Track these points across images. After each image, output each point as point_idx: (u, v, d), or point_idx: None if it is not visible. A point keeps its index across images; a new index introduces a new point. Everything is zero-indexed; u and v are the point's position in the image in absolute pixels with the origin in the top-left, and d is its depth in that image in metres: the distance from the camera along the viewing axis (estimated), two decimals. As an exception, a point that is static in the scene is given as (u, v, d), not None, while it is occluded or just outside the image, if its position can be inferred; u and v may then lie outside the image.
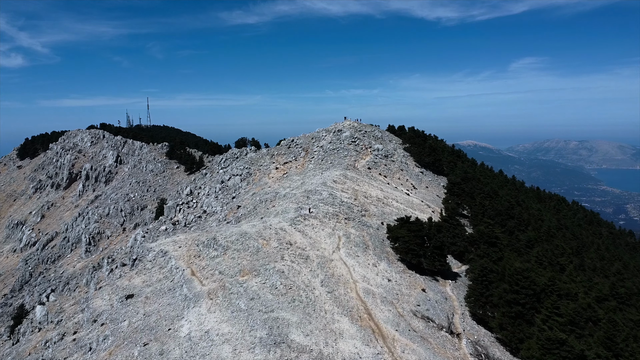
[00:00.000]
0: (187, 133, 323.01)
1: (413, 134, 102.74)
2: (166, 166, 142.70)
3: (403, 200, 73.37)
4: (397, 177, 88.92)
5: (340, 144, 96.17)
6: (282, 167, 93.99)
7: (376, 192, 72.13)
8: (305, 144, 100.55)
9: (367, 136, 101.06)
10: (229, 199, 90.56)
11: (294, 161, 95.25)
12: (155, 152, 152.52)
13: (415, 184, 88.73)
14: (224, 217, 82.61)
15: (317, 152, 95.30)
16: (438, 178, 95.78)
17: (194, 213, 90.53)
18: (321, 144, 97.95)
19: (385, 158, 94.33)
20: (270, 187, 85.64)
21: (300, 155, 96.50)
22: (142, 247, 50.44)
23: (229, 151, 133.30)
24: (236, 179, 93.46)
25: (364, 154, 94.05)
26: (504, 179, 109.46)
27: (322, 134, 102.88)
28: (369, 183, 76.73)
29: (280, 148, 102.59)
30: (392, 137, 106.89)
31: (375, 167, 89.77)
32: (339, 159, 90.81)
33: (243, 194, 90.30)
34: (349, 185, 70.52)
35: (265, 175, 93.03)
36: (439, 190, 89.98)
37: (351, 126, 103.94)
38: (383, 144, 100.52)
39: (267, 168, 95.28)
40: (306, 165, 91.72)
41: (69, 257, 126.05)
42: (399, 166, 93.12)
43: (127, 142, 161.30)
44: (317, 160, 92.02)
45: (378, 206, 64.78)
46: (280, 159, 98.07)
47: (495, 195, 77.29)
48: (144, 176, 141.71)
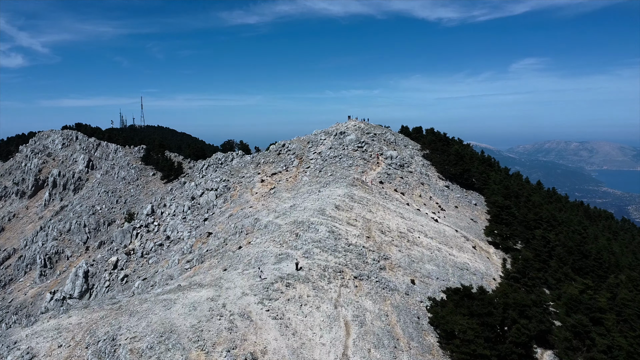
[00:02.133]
0: (182, 134, 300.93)
1: (434, 137, 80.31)
2: (140, 173, 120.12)
3: (433, 231, 50.91)
4: (417, 193, 66.48)
5: (344, 150, 73.66)
6: (269, 180, 71.62)
7: (396, 220, 49.63)
8: (298, 149, 78.01)
9: (377, 140, 78.53)
10: (200, 221, 68.24)
11: (285, 172, 72.82)
12: (130, 157, 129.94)
13: (442, 203, 66.28)
14: (189, 249, 60.26)
15: (313, 161, 72.82)
16: (467, 194, 73.26)
17: (154, 239, 68.27)
18: (319, 150, 75.46)
19: (401, 168, 71.82)
20: (252, 208, 63.23)
21: (293, 164, 74.03)
22: (5, 338, 28.47)
23: (213, 156, 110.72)
24: (210, 195, 71.03)
25: (374, 164, 71.53)
26: (537, 188, 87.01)
27: (320, 137, 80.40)
28: (384, 206, 54.21)
29: (268, 154, 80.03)
30: (407, 140, 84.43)
31: (389, 180, 67.32)
32: (341, 169, 68.40)
33: (217, 214, 67.98)
34: (358, 213, 47.99)
35: (247, 190, 70.64)
36: (472, 211, 67.54)
37: (357, 127, 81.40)
38: (397, 149, 77.97)
39: (251, 180, 72.92)
40: (299, 178, 69.32)
41: (21, 281, 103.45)
42: (418, 179, 70.62)
43: (100, 144, 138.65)
44: (313, 171, 69.53)
45: (402, 247, 42.35)
46: (268, 168, 75.61)
47: (555, 222, 54.80)
48: (115, 185, 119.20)
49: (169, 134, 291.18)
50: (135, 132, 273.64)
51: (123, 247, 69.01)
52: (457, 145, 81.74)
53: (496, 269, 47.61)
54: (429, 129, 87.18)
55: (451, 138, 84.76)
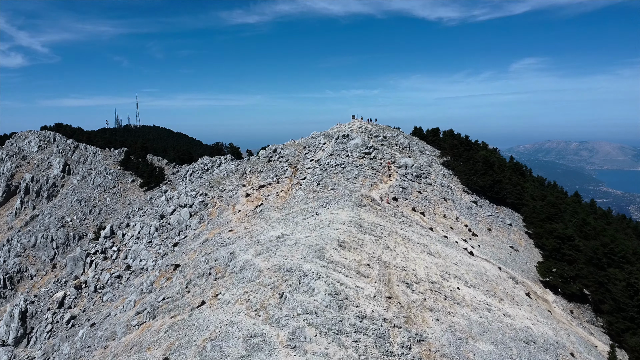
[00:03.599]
0: (178, 134, 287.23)
1: (456, 141, 65.66)
2: (118, 179, 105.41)
3: (472, 273, 36.34)
4: (440, 212, 51.93)
5: (347, 157, 59.06)
6: (256, 194, 57.09)
7: (423, 260, 35.02)
8: (293, 155, 63.36)
9: (387, 144, 63.86)
10: (169, 247, 53.74)
11: (275, 184, 58.25)
12: (109, 160, 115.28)
13: (471, 225, 51.75)
14: (149, 286, 45.75)
15: (310, 171, 58.21)
16: (499, 210, 58.66)
17: (112, 269, 53.81)
18: (317, 157, 60.84)
19: (418, 180, 57.23)
20: (232, 233, 48.72)
21: (285, 174, 59.42)
22: None
23: (199, 160, 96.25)
24: (183, 212, 56.47)
25: (386, 174, 56.93)
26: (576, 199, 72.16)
27: (319, 140, 65.78)
28: (404, 236, 39.61)
29: (256, 162, 65.38)
30: (423, 145, 69.85)
31: (405, 196, 52.75)
32: (345, 182, 53.88)
33: (190, 239, 53.46)
34: (371, 252, 33.38)
35: (228, 208, 56.13)
36: (508, 234, 53.00)
37: (362, 129, 66.72)
38: (412, 156, 63.31)
39: (234, 194, 58.40)
40: (293, 192, 54.75)
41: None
42: (439, 193, 56.02)
43: (78, 147, 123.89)
44: (310, 183, 54.94)
45: (439, 310, 27.82)
46: (255, 179, 61.01)
47: (633, 257, 40.19)
48: (89, 192, 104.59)
49: (164, 134, 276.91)
50: (128, 133, 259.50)
51: (73, 279, 54.48)
52: (483, 150, 67.13)
53: (567, 333, 33.02)
54: (448, 131, 72.53)
55: (474, 142, 70.08)
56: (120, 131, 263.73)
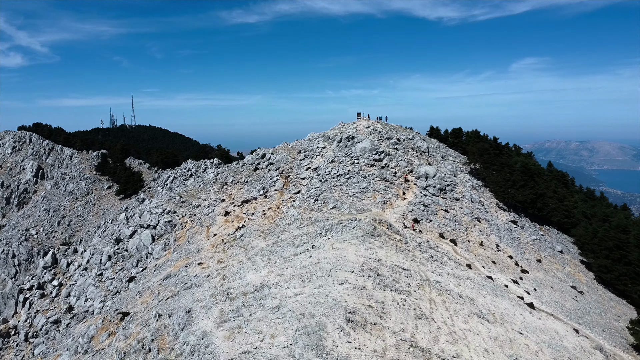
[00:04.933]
0: (174, 134, 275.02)
1: (486, 145, 52.56)
2: (93, 185, 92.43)
3: (545, 346, 23.70)
4: (475, 238, 39.10)
5: (353, 165, 46.15)
6: (238, 212, 44.26)
7: (476, 336, 22.31)
8: (284, 162, 50.39)
9: (402, 149, 50.88)
10: (122, 282, 40.91)
11: (262, 199, 45.37)
12: (86, 164, 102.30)
13: (517, 256, 38.89)
14: (88, 340, 33.03)
15: (306, 182, 45.26)
16: (544, 232, 45.76)
17: (49, 311, 41.04)
18: (315, 165, 47.89)
19: (443, 194, 44.31)
20: (201, 268, 35.86)
21: (275, 186, 46.48)
22: None
23: (183, 165, 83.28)
24: (144, 236, 43.61)
25: (402, 187, 43.98)
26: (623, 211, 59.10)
27: (317, 143, 52.83)
28: (441, 287, 26.72)
29: (240, 170, 52.39)
30: (444, 149, 56.87)
31: (429, 216, 39.87)
32: (350, 198, 41.09)
33: (150, 272, 40.62)
34: (397, 326, 20.58)
35: (202, 230, 43.31)
36: (563, 267, 40.15)
37: (371, 130, 53.68)
38: (433, 163, 50.33)
39: (210, 212, 45.60)
40: (283, 211, 41.86)
41: None
42: (470, 211, 43.10)
43: (54, 149, 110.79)
44: (305, 199, 42.04)
45: None
46: (237, 192, 48.13)
47: None
48: (60, 201, 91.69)
49: (160, 134, 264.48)
50: (122, 133, 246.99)
51: (1, 322, 41.66)
52: (520, 156, 54.18)
53: None
54: (472, 132, 59.50)
55: (504, 144, 57.13)
56: (114, 131, 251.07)
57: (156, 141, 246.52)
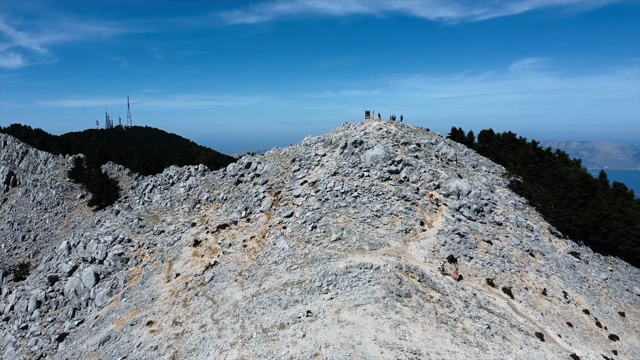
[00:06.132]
0: (171, 135, 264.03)
1: (531, 152, 41.04)
2: (64, 194, 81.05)
3: None
4: (534, 284, 27.93)
5: (363, 179, 34.85)
6: (211, 242, 33.10)
7: None
8: (275, 173, 39.02)
9: (423, 156, 39.46)
10: (51, 341, 29.83)
11: (244, 223, 34.16)
12: (61, 170, 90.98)
13: (595, 311, 27.76)
14: None
15: (301, 202, 33.95)
16: (610, 265, 34.46)
17: (-49, 380, 30.12)
18: (313, 178, 36.57)
19: (481, 216, 33.04)
20: (148, 331, 24.62)
21: (261, 206, 35.20)
22: None
23: (164, 172, 71.91)
24: (86, 274, 32.42)
25: (427, 208, 32.68)
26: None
27: (315, 149, 41.44)
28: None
29: (219, 182, 40.93)
30: (474, 155, 45.43)
31: (467, 251, 28.71)
32: (360, 225, 29.95)
33: (88, 328, 29.51)
34: None
35: (162, 266, 32.17)
36: (651, 320, 29.20)
37: (384, 132, 42.18)
38: (464, 174, 38.99)
39: (175, 240, 34.43)
40: (270, 243, 30.71)
41: None
42: (519, 240, 31.84)
43: (27, 153, 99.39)
44: (300, 226, 30.84)
45: None
46: (213, 213, 36.88)
47: None
48: (27, 211, 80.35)
49: (156, 136, 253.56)
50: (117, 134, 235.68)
51: None
52: (569, 165, 42.87)
53: None
54: (506, 135, 48.10)
55: (546, 150, 45.80)
56: (108, 132, 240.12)
57: (152, 143, 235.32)
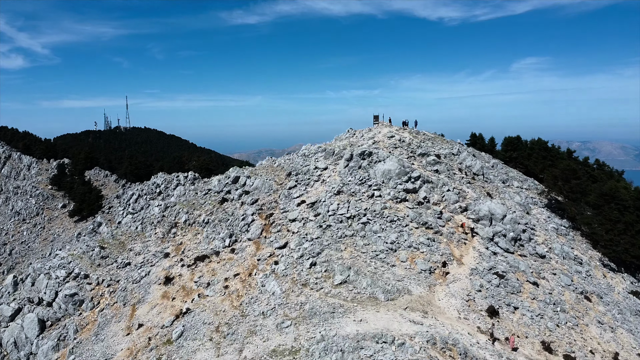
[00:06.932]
0: (170, 136, 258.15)
1: (573, 164, 34.12)
2: (45, 204, 74.40)
3: None
4: (601, 345, 21.37)
5: (373, 200, 28.11)
6: (186, 280, 26.53)
7: None
8: (266, 190, 32.24)
9: (445, 170, 32.67)
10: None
11: (227, 254, 27.52)
12: (44, 176, 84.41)
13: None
14: None
15: (297, 228, 27.23)
16: (680, 307, 27.75)
17: None
18: (312, 198, 29.80)
19: (519, 246, 26.27)
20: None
21: (249, 231, 28.52)
22: None
23: (152, 179, 65.16)
24: (29, 321, 25.91)
25: (454, 238, 25.96)
26: None
27: (315, 161, 34.64)
28: None
29: (201, 201, 34.14)
30: (502, 167, 38.41)
31: (510, 297, 22.06)
32: (371, 262, 23.32)
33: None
34: None
35: (123, 312, 25.62)
36: None
37: (396, 141, 35.33)
38: (494, 192, 32.21)
39: (142, 275, 27.83)
40: (257, 283, 24.09)
41: None
42: (569, 278, 25.12)
43: (11, 157, 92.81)
44: (294, 262, 24.19)
45: None
46: (191, 239, 30.18)
47: None
48: (4, 222, 73.70)
49: (155, 137, 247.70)
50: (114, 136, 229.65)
51: None
52: (617, 180, 36.02)
53: None
54: (536, 142, 41.15)
55: (583, 160, 39.02)
56: (106, 134, 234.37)
57: (150, 144, 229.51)
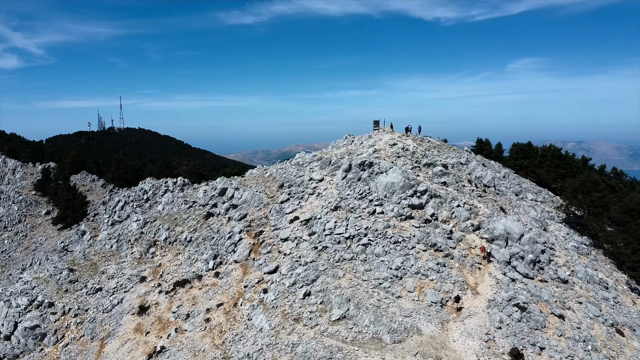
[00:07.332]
0: (165, 137, 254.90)
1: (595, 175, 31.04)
2: (28, 210, 70.70)
3: None
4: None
5: (374, 218, 24.92)
6: (163, 309, 23.11)
7: None
8: (256, 204, 28.95)
9: (453, 182, 29.47)
10: None
11: (211, 279, 24.21)
12: (29, 180, 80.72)
13: None
14: None
15: (290, 249, 24.00)
16: None
17: None
18: (307, 214, 26.56)
19: (538, 270, 23.13)
20: None
21: (235, 252, 25.26)
22: None
23: (140, 185, 61.83)
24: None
25: (466, 262, 22.81)
26: None
27: (309, 171, 31.40)
28: None
29: (184, 216, 30.74)
30: (514, 177, 35.16)
31: (534, 334, 18.83)
32: (375, 294, 20.06)
33: None
34: None
35: (90, 348, 22.19)
36: None
37: (399, 149, 32.14)
38: (507, 206, 29.07)
39: (115, 304, 24.35)
40: (242, 316, 20.87)
41: None
42: (596, 307, 22.06)
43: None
44: (285, 291, 20.94)
45: None
46: (171, 260, 26.86)
47: None
48: (-16, 230, 70.01)
49: (149, 138, 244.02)
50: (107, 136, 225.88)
51: None
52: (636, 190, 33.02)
53: None
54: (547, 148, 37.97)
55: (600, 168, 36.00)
56: (99, 135, 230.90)
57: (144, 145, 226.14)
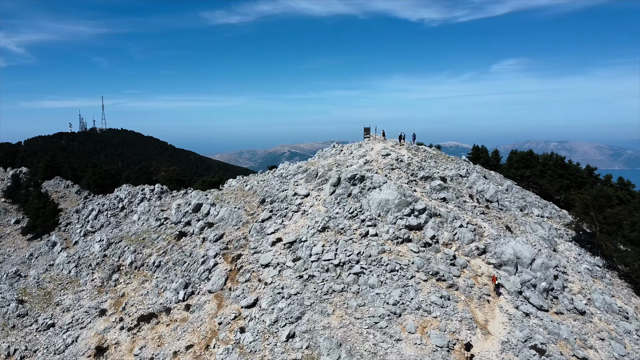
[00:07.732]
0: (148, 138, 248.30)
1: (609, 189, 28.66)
2: (-5, 220, 66.09)
3: None
4: None
5: (367, 241, 21.86)
6: (123, 350, 19.82)
7: None
8: (234, 222, 25.57)
9: (454, 198, 26.57)
10: None
11: (180, 312, 20.92)
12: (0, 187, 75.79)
13: None
14: None
15: (271, 277, 20.73)
16: None
17: None
18: (291, 235, 23.34)
19: (552, 300, 20.33)
20: None
21: (209, 280, 21.83)
22: None
23: (115, 192, 57.72)
24: None
25: (473, 294, 19.91)
26: None
27: (294, 185, 28.19)
28: None
29: (154, 235, 27.35)
30: (517, 190, 32.30)
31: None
32: (369, 335, 16.99)
33: None
34: None
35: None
36: None
37: (393, 160, 29.19)
38: (512, 224, 26.25)
39: (69, 343, 21.01)
40: (216, 366, 17.79)
41: None
42: (621, 343, 19.42)
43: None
44: (265, 330, 17.78)
45: None
46: (136, 289, 23.38)
47: None
48: (-52, 241, 65.13)
49: (132, 139, 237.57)
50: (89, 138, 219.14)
51: None
52: None
53: None
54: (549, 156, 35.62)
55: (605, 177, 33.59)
56: (80, 136, 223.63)
57: (127, 146, 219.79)
